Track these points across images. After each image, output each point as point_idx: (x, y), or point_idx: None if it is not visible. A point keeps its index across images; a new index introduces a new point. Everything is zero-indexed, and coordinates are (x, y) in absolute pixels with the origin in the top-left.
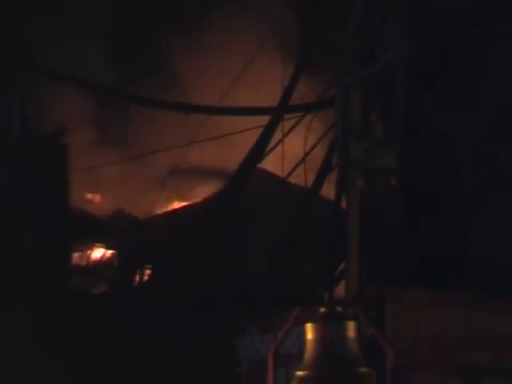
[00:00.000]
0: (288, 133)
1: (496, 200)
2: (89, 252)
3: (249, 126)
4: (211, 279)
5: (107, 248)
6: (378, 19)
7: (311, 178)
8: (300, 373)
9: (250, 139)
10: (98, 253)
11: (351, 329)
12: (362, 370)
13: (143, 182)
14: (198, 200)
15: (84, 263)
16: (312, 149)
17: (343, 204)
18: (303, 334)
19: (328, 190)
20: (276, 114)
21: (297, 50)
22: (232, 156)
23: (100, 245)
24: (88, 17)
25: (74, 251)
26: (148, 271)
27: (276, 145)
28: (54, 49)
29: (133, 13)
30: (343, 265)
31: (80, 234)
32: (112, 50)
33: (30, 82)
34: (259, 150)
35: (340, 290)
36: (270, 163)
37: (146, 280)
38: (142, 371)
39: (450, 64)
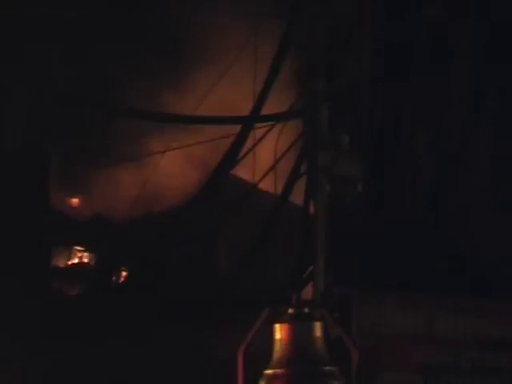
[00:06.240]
0: (259, 141)
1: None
2: (68, 254)
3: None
4: (184, 281)
5: (85, 250)
6: (343, 41)
7: (280, 186)
8: (268, 372)
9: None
10: (77, 255)
11: (318, 329)
12: (328, 368)
13: (120, 187)
14: (173, 203)
15: (63, 265)
16: (281, 157)
17: (311, 210)
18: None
19: (296, 197)
20: (247, 123)
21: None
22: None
23: (78, 247)
24: None
25: (54, 253)
26: (124, 273)
27: (247, 153)
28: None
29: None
30: (311, 267)
31: (59, 236)
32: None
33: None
34: (231, 157)
35: (307, 291)
36: (241, 171)
37: (122, 281)
38: (116, 366)
39: (411, 82)
